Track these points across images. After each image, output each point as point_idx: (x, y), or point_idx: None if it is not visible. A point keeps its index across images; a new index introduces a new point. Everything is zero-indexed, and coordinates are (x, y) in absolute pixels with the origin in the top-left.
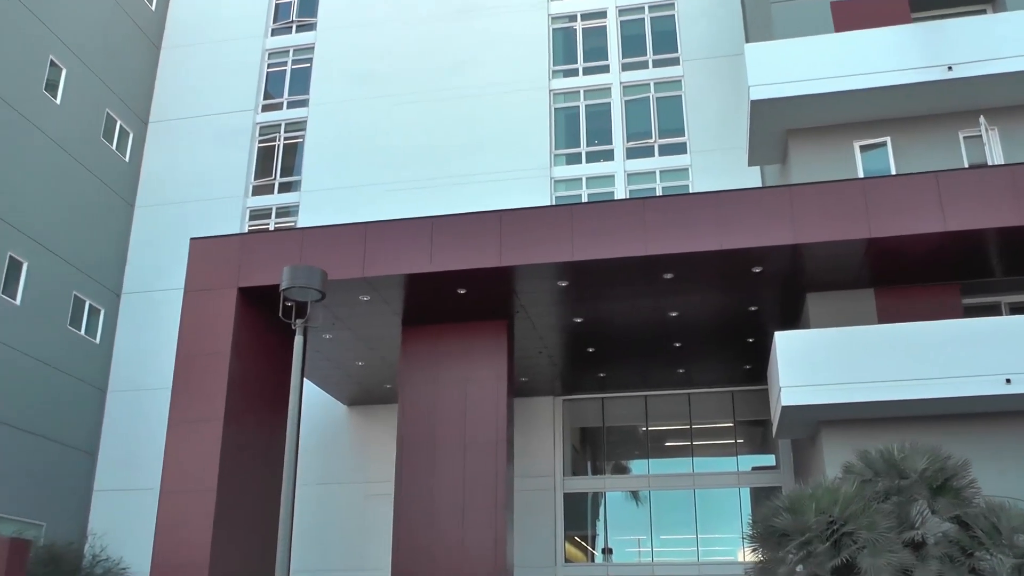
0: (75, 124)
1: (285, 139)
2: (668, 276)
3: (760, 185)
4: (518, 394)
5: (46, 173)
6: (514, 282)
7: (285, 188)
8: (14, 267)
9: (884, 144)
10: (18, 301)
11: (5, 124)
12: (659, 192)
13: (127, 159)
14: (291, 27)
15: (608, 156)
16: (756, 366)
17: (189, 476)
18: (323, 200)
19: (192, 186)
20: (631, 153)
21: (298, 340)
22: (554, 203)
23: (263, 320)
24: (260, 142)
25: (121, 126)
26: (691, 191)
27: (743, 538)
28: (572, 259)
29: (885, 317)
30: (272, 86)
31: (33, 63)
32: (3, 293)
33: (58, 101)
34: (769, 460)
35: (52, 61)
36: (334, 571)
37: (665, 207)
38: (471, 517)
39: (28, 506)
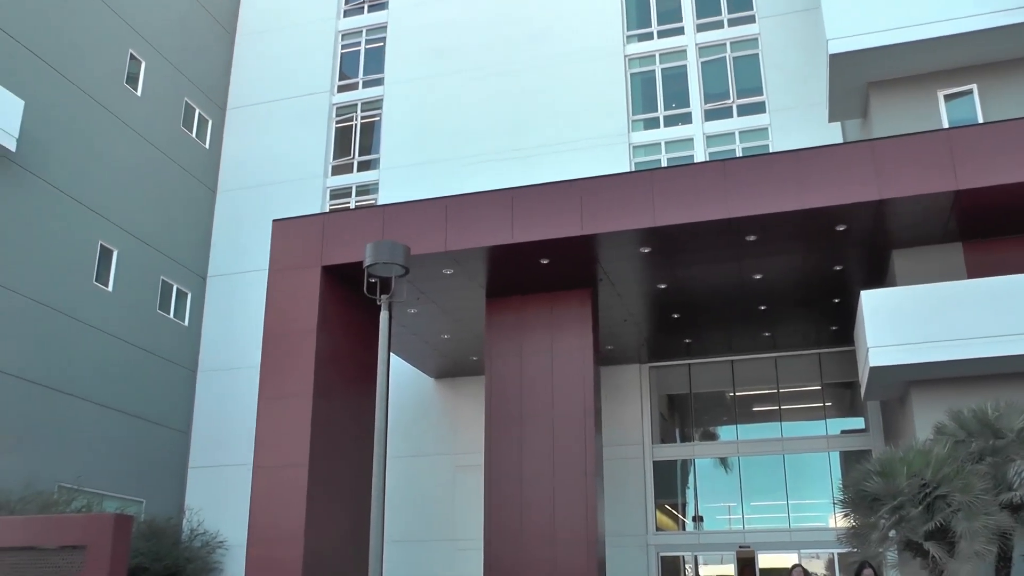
0: (156, 114)
1: (362, 118)
2: (751, 238)
3: (841, 141)
4: (604, 362)
5: (130, 164)
6: (596, 250)
7: (364, 167)
8: (105, 255)
9: (970, 92)
10: (110, 288)
11: (90, 119)
12: (739, 153)
13: (207, 146)
14: (363, 7)
15: (686, 119)
16: (843, 327)
17: (281, 452)
18: (402, 177)
19: (272, 169)
20: (709, 115)
21: (384, 315)
22: (634, 169)
23: (348, 297)
24: (337, 122)
25: (200, 114)
26: (771, 151)
27: (834, 503)
28: (654, 225)
29: (975, 271)
30: (347, 67)
31: (113, 58)
32: (96, 281)
33: (139, 93)
34: (858, 423)
35: (132, 55)
36: (426, 541)
37: (745, 168)
38: (561, 487)
39: (128, 484)
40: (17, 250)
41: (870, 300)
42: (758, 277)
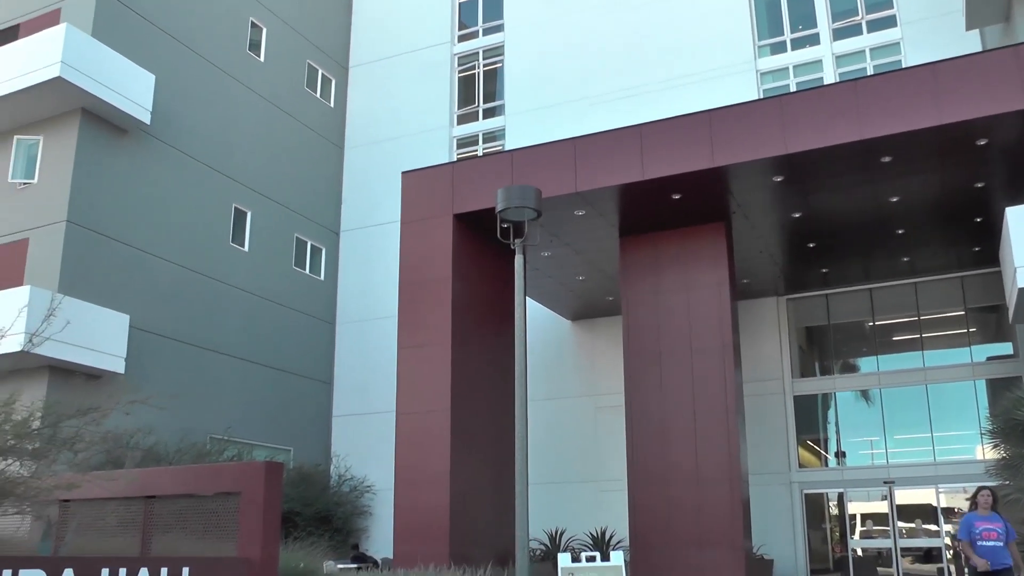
0: (280, 78)
1: (484, 66)
2: (886, 159)
3: (980, 50)
4: (741, 296)
5: (259, 128)
6: (728, 182)
7: (489, 114)
8: (239, 217)
9: None
10: (246, 248)
11: (218, 88)
12: (870, 72)
13: (332, 104)
14: None
15: (814, 40)
16: (986, 247)
17: (423, 398)
18: (528, 121)
19: (397, 123)
20: (838, 34)
21: (518, 259)
22: (762, 96)
23: (481, 244)
24: (459, 72)
25: (323, 74)
26: (904, 66)
27: (982, 434)
28: (785, 152)
29: None
30: (465, 16)
31: (235, 27)
32: (232, 242)
33: (262, 59)
34: (1006, 348)
35: (252, 22)
36: (570, 483)
37: (878, 87)
38: (702, 425)
39: (276, 434)
40: (158, 218)
41: (1016, 217)
42: (895, 200)
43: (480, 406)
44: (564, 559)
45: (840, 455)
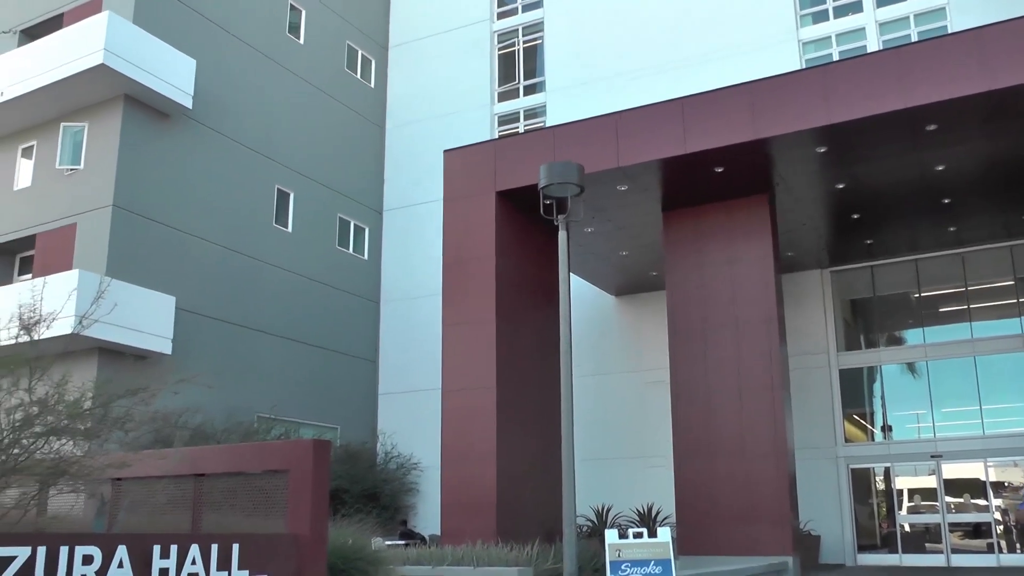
0: (319, 60)
1: (524, 43)
2: (932, 128)
3: None
4: (784, 269)
5: (300, 109)
6: (771, 154)
7: (530, 90)
8: (282, 198)
9: None
10: (289, 228)
11: (259, 71)
12: (914, 39)
13: (372, 85)
14: None
15: (856, 8)
16: None
17: (468, 375)
18: (569, 97)
19: (438, 102)
20: (881, 1)
21: (562, 235)
22: (804, 66)
23: (523, 221)
24: (499, 49)
25: (363, 55)
26: (950, 32)
27: None
28: (828, 122)
29: None
30: None
31: (275, 10)
32: (276, 223)
33: (301, 41)
34: None
35: (291, 5)
36: (617, 458)
37: (923, 53)
38: (748, 399)
39: (322, 412)
40: (202, 201)
41: None
42: (940, 168)
43: (525, 383)
44: (611, 535)
45: (887, 429)
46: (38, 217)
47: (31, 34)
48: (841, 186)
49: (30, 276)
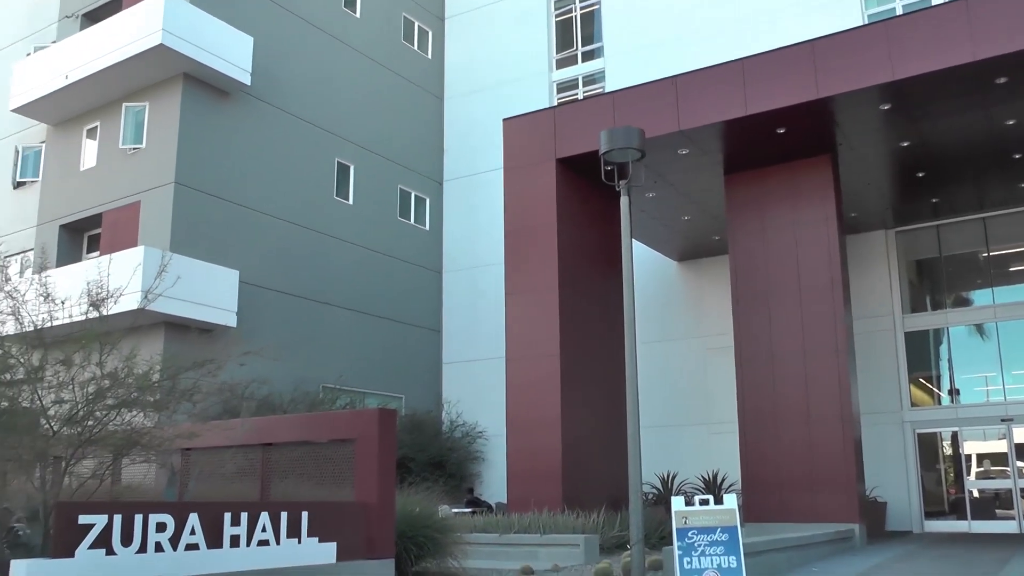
0: (376, 33)
1: (581, 8)
2: (1001, 80)
3: None
4: (848, 231)
5: (358, 83)
6: (834, 113)
7: (588, 57)
8: (343, 171)
9: None
10: (350, 201)
11: (316, 46)
12: None
13: (429, 56)
14: None
15: None
16: None
17: (532, 343)
18: (628, 61)
19: (496, 71)
20: None
21: (624, 201)
22: (867, 22)
23: (584, 188)
24: (556, 16)
25: (419, 27)
26: None
27: None
28: (892, 79)
29: None
30: None
31: None
32: (336, 196)
33: (357, 15)
34: None
35: None
36: (681, 425)
37: (992, 4)
38: (812, 363)
39: (387, 382)
40: (263, 176)
41: None
42: (1011, 123)
43: (589, 350)
44: (678, 502)
45: (954, 392)
46: (103, 196)
47: (92, 17)
48: (906, 144)
49: (97, 254)
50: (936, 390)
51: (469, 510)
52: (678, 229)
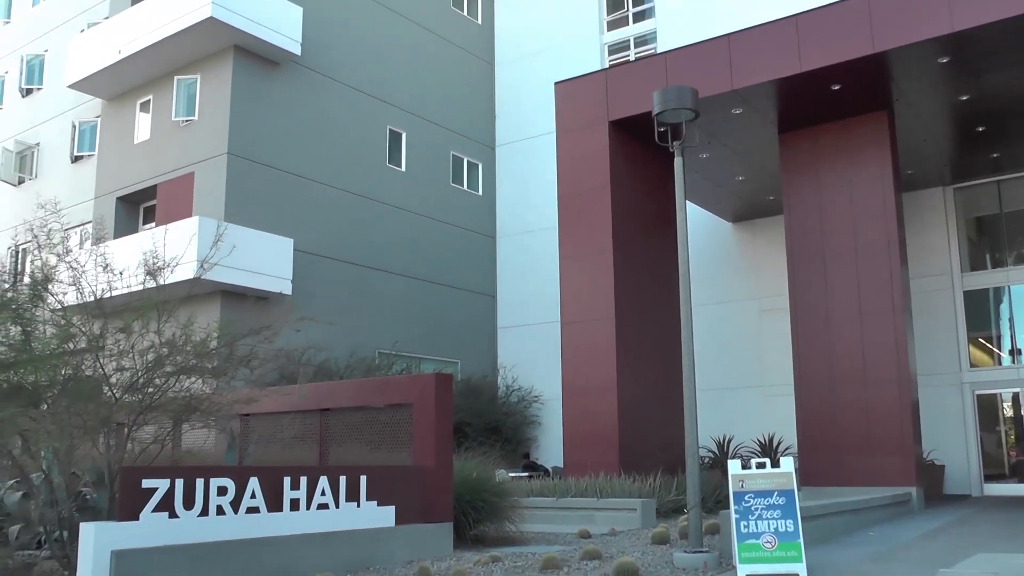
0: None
1: None
2: None
3: None
4: (905, 188)
5: (408, 50)
6: (890, 68)
7: (639, 17)
8: (395, 138)
9: None
10: (403, 168)
11: (365, 14)
12: None
13: (479, 22)
14: None
15: None
16: None
17: (587, 307)
18: (679, 21)
19: (546, 35)
20: None
21: (678, 162)
22: None
23: (637, 150)
24: None
25: None
26: None
27: None
28: (951, 31)
29: None
30: None
31: None
32: (389, 163)
33: None
34: None
35: None
36: (736, 388)
37: None
38: (869, 324)
39: (443, 347)
40: (315, 144)
41: None
42: None
43: (644, 313)
44: (734, 466)
45: (1015, 353)
46: (158, 168)
47: None
48: (965, 98)
49: (153, 225)
50: (996, 350)
51: (526, 474)
52: (732, 190)
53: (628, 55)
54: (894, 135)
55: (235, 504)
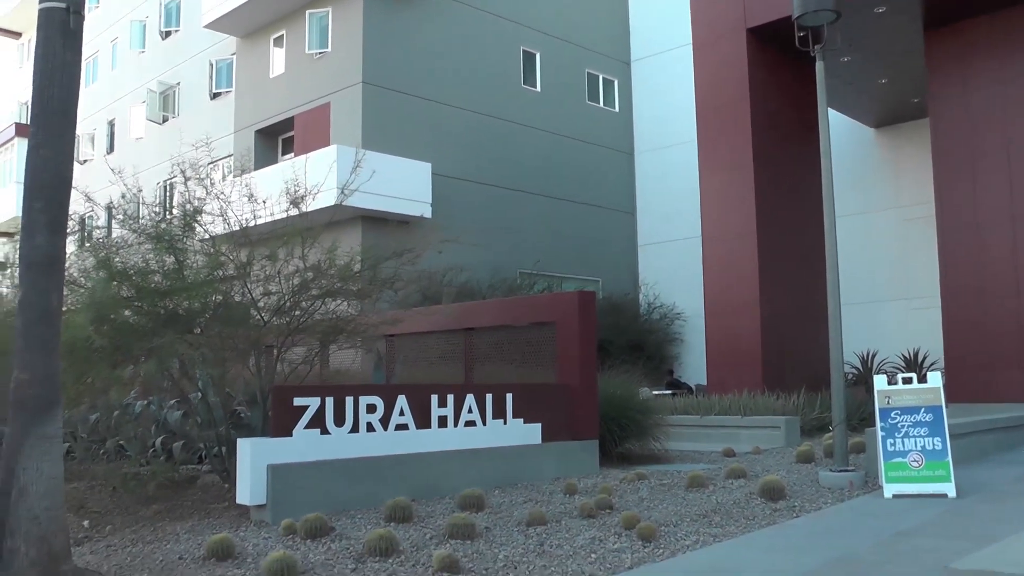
0: None
1: None
2: None
3: None
4: None
5: None
6: None
7: None
8: (528, 60)
9: None
10: (538, 88)
11: None
12: None
13: None
14: None
15: None
16: None
17: (728, 222)
18: None
19: None
20: None
21: (819, 66)
22: None
23: (775, 59)
24: None
25: None
26: None
27: None
28: None
29: None
30: None
31: None
32: (524, 84)
33: None
34: None
35: None
36: (879, 302)
37: None
38: (1022, 232)
39: (584, 265)
40: (449, 69)
41: None
42: None
43: (786, 227)
44: (880, 381)
45: None
46: (294, 100)
47: None
48: None
49: (292, 155)
50: None
51: (669, 392)
52: (874, 94)
53: None
54: None
55: (384, 421)
